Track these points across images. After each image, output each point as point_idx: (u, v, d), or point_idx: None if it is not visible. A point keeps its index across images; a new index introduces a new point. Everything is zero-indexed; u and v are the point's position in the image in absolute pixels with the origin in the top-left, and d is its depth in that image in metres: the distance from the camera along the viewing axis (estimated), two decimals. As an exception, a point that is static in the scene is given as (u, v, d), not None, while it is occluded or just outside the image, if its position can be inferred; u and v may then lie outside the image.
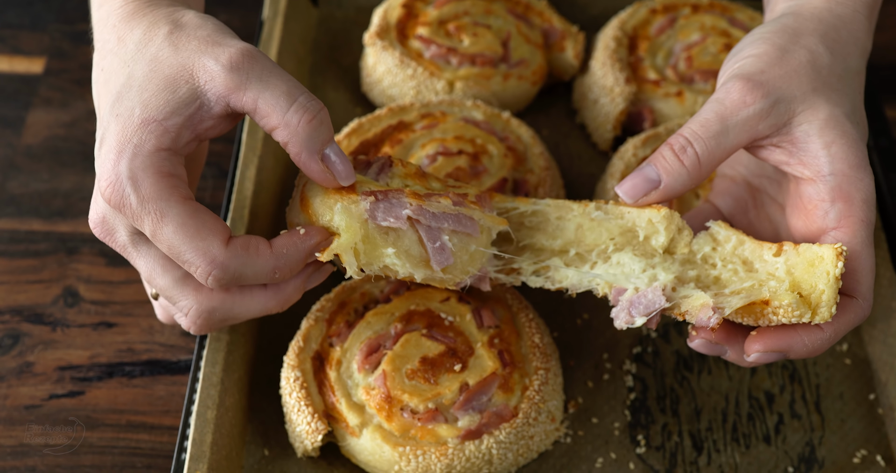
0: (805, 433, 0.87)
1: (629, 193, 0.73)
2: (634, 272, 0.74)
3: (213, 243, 0.64)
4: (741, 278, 0.72)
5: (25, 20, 1.14)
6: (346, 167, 0.69)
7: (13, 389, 0.86)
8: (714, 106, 0.71)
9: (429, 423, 0.78)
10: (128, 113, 0.66)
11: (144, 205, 0.64)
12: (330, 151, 0.68)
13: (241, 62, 0.66)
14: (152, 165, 0.64)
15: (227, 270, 0.65)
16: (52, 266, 0.94)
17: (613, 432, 0.86)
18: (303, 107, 0.66)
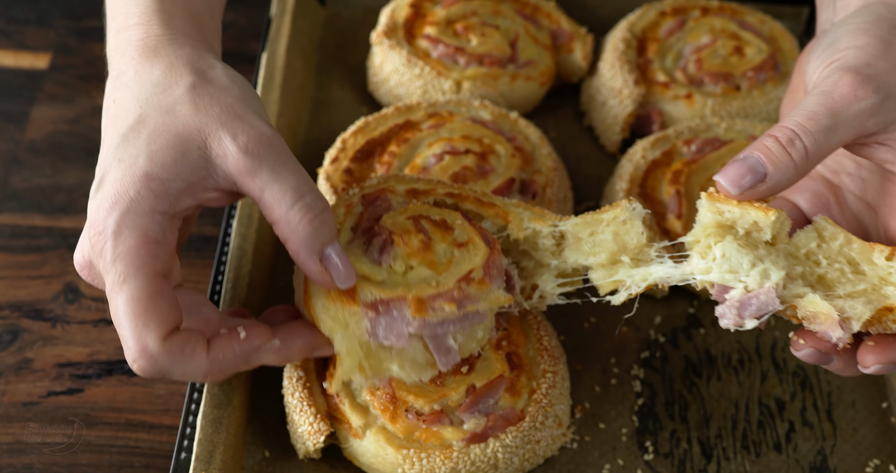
0: (817, 441, 0.86)
1: (735, 182, 0.66)
2: (743, 268, 0.67)
3: (151, 334, 0.61)
4: (850, 280, 0.68)
5: (31, 16, 1.13)
6: (345, 270, 0.67)
7: (11, 385, 0.85)
8: (822, 99, 0.67)
9: (434, 425, 0.76)
10: (131, 160, 0.63)
11: (115, 263, 0.61)
12: (331, 251, 0.66)
13: (257, 147, 0.64)
14: (141, 226, 0.62)
15: (155, 364, 0.62)
16: (53, 262, 0.93)
17: (621, 438, 0.85)
18: (307, 206, 0.65)
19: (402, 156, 0.92)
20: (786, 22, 1.14)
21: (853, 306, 0.66)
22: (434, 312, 0.68)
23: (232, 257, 0.86)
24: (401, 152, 0.92)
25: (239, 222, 0.88)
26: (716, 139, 0.97)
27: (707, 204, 0.68)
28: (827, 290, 0.68)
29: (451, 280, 0.70)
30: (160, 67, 0.67)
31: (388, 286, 0.70)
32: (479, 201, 0.79)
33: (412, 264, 0.71)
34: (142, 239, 0.61)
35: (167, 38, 0.70)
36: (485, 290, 0.71)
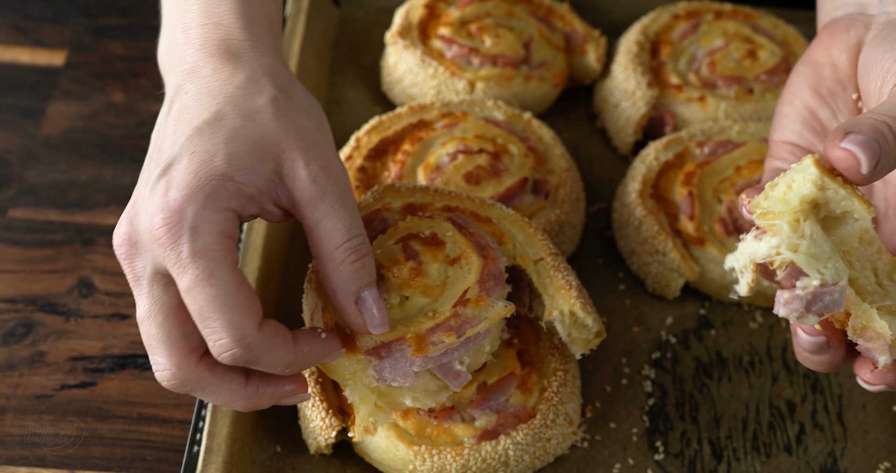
0: (827, 443, 0.86)
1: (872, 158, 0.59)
2: (824, 256, 0.59)
3: (248, 322, 0.61)
4: (877, 292, 0.63)
5: (48, 13, 1.14)
6: (380, 316, 0.67)
7: (25, 378, 0.86)
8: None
9: (445, 422, 0.76)
10: (207, 156, 0.62)
11: (196, 258, 0.60)
12: (367, 295, 0.66)
13: (325, 180, 0.65)
14: (218, 222, 0.61)
15: (251, 352, 0.61)
16: (67, 257, 0.94)
17: (631, 437, 0.85)
18: (353, 248, 0.65)
19: (415, 155, 0.92)
20: (798, 26, 1.14)
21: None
22: (434, 346, 0.68)
23: (241, 252, 0.86)
24: (414, 151, 0.92)
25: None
26: (728, 142, 0.97)
27: (814, 173, 0.59)
28: (859, 295, 0.63)
29: (447, 306, 0.70)
30: (243, 73, 0.67)
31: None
32: (476, 216, 0.78)
33: (406, 295, 0.71)
34: (219, 235, 0.61)
35: (249, 45, 0.69)
36: (483, 307, 0.70)
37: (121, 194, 0.99)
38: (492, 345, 0.73)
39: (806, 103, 0.74)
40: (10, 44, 1.11)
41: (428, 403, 0.72)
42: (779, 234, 0.58)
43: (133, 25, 1.14)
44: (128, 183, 1.00)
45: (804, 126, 0.75)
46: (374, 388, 0.69)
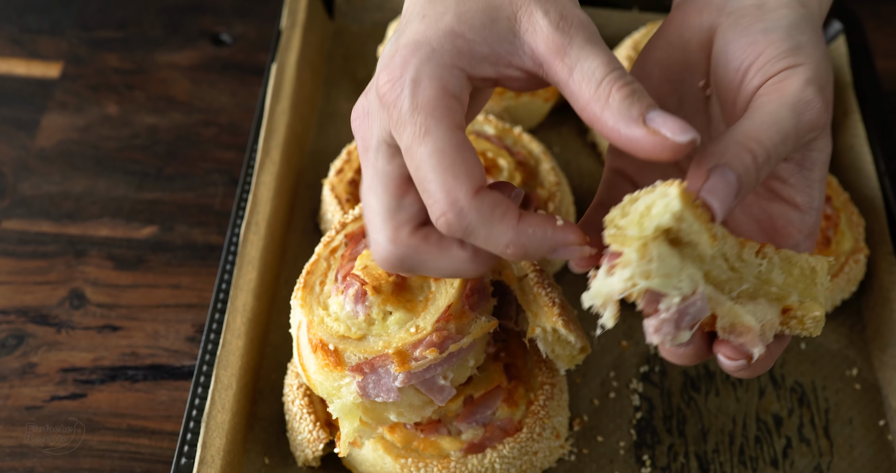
0: (813, 457, 0.86)
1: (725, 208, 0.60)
2: (675, 271, 0.58)
3: (461, 186, 0.57)
4: (733, 278, 0.62)
5: (44, 25, 1.15)
6: (680, 123, 0.57)
7: (15, 389, 0.86)
8: (794, 120, 0.62)
9: (432, 435, 0.77)
10: (437, 16, 0.60)
11: (414, 114, 0.57)
12: (654, 114, 0.57)
13: (568, 25, 0.59)
14: (441, 77, 0.58)
15: (463, 220, 0.57)
16: (59, 268, 0.94)
17: (619, 451, 0.85)
18: (617, 77, 0.58)
19: (406, 168, 0.93)
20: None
21: (763, 312, 0.62)
22: (417, 362, 0.68)
23: (237, 264, 0.87)
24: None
25: (246, 227, 0.89)
26: (717, 156, 0.98)
27: (676, 206, 0.57)
28: (716, 287, 0.62)
29: (430, 322, 0.70)
30: None
31: (369, 343, 0.70)
32: None
33: (390, 310, 0.71)
34: (441, 91, 0.58)
35: None
36: (466, 322, 0.70)
37: (114, 206, 1.00)
38: (476, 359, 0.73)
39: (656, 90, 0.71)
40: (5, 55, 1.12)
41: (413, 417, 0.72)
42: (629, 265, 0.57)
43: (128, 38, 1.15)
44: (121, 195, 1.00)
45: None
46: (358, 404, 0.69)
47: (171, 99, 1.09)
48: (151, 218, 0.99)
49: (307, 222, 0.98)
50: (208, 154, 1.04)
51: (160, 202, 1.00)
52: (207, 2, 1.19)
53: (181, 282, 0.94)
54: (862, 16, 1.21)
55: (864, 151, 1.03)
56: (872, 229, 0.98)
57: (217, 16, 1.17)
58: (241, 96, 1.10)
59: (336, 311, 0.72)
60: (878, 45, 1.22)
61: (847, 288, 0.94)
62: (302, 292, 0.74)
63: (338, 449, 0.72)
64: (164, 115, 1.08)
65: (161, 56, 1.13)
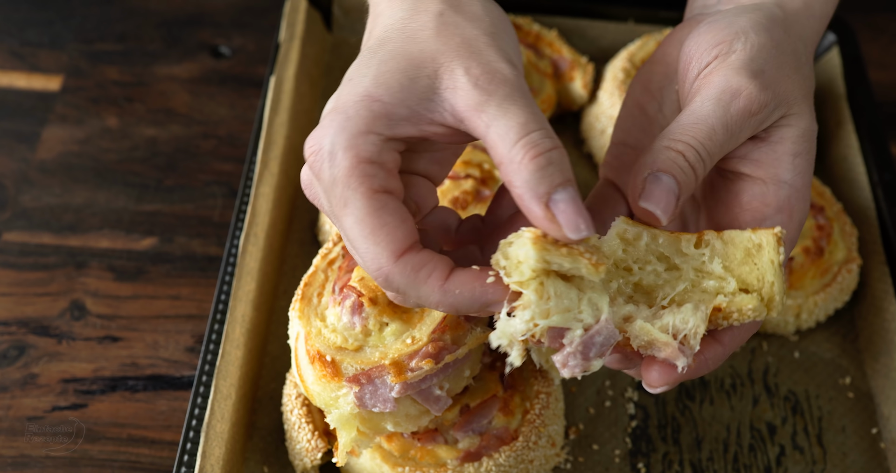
0: (806, 465, 0.87)
1: (668, 210, 0.62)
2: (574, 304, 0.59)
3: (383, 252, 0.59)
4: (668, 281, 0.63)
5: (45, 39, 1.16)
6: (576, 218, 0.57)
7: (17, 400, 0.87)
8: (720, 112, 0.63)
9: (429, 443, 0.78)
10: (358, 80, 0.61)
11: (334, 186, 0.59)
12: (560, 196, 0.58)
13: (488, 82, 0.59)
14: (355, 146, 0.59)
15: (391, 284, 0.60)
16: (60, 279, 0.95)
17: (614, 459, 0.86)
18: (531, 142, 0.58)
19: (403, 180, 0.94)
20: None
21: (684, 320, 0.61)
22: (413, 372, 0.69)
23: (236, 275, 0.88)
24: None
25: (245, 238, 0.90)
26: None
27: (532, 255, 0.57)
28: (647, 297, 0.62)
29: (425, 332, 0.70)
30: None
31: (366, 354, 0.71)
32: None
33: (386, 321, 0.72)
34: (356, 159, 0.59)
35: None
36: (461, 333, 0.71)
37: (113, 217, 1.01)
38: (472, 370, 0.74)
39: (637, 100, 0.73)
40: (6, 69, 1.13)
41: (409, 427, 0.73)
42: (528, 307, 0.58)
43: (128, 51, 1.16)
44: (121, 207, 1.02)
45: (633, 124, 0.73)
46: (355, 414, 0.70)
47: (171, 111, 1.10)
48: (151, 230, 1.00)
49: (305, 233, 0.99)
50: (207, 166, 1.06)
51: (160, 214, 1.01)
52: (206, 15, 1.20)
53: (181, 293, 0.95)
54: (856, 27, 1.23)
55: (857, 162, 1.04)
56: (865, 239, 0.99)
57: (216, 29, 1.19)
58: (239, 108, 1.11)
59: (333, 322, 0.73)
60: (872, 56, 1.23)
61: (840, 298, 0.95)
62: (300, 303, 0.75)
63: (336, 459, 0.73)
64: (164, 127, 1.09)
65: (160, 69, 1.14)
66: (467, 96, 0.59)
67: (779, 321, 0.94)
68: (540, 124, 0.59)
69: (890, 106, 1.18)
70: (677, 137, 0.63)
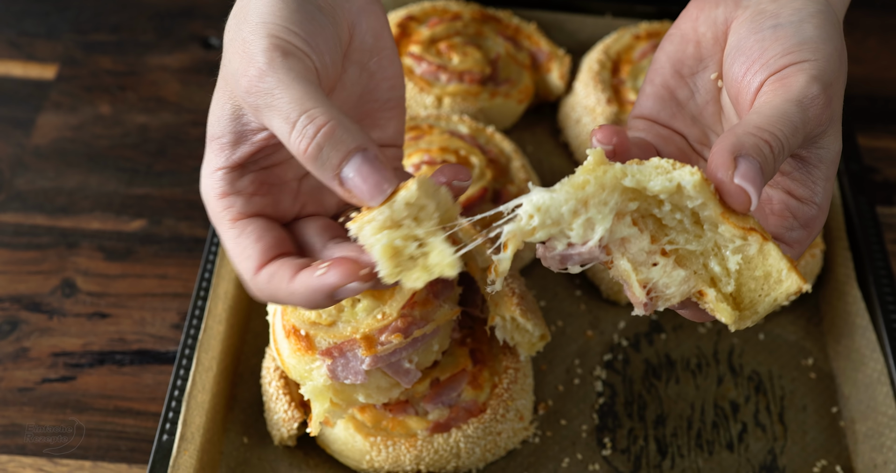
0: (767, 442, 0.90)
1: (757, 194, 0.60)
2: (564, 219, 0.60)
3: (246, 270, 0.66)
4: (686, 231, 0.62)
5: (41, 29, 1.20)
6: (368, 186, 0.60)
7: (8, 372, 0.91)
8: (801, 115, 0.63)
9: (400, 415, 0.81)
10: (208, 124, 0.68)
11: (211, 220, 0.68)
12: (347, 170, 0.60)
13: (252, 85, 0.61)
14: (209, 186, 0.67)
15: (260, 294, 0.66)
16: (52, 259, 0.99)
17: (581, 434, 0.89)
18: (300, 132, 0.60)
19: (382, 165, 0.97)
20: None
21: (667, 285, 0.62)
22: (383, 346, 0.73)
23: (219, 254, 0.91)
24: (382, 162, 0.97)
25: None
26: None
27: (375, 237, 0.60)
28: (656, 228, 0.62)
29: (395, 309, 0.74)
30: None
31: (338, 328, 0.75)
32: None
33: (358, 297, 0.75)
34: (215, 199, 0.67)
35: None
36: (430, 309, 0.75)
37: (105, 200, 1.04)
38: (441, 344, 0.78)
39: (666, 82, 0.74)
40: (4, 58, 1.17)
41: (380, 399, 0.77)
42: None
43: (122, 41, 1.20)
44: (112, 190, 1.05)
45: (662, 106, 0.74)
46: (328, 386, 0.74)
47: (162, 100, 1.14)
48: (140, 212, 1.04)
49: (289, 216, 1.02)
50: (196, 152, 1.09)
51: (149, 197, 1.05)
52: (198, 7, 1.24)
53: (168, 272, 0.99)
54: (829, 22, 1.26)
55: (824, 152, 1.07)
56: (830, 225, 1.02)
57: (207, 20, 1.22)
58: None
59: None
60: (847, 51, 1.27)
61: (804, 281, 0.98)
62: None
63: (310, 429, 0.76)
64: (155, 114, 1.13)
65: (152, 59, 1.18)
66: (248, 106, 0.63)
67: (744, 304, 0.97)
68: (304, 107, 0.60)
69: (862, 99, 1.21)
70: (763, 127, 0.62)
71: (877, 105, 1.21)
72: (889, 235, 1.07)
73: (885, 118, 1.19)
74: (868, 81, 1.24)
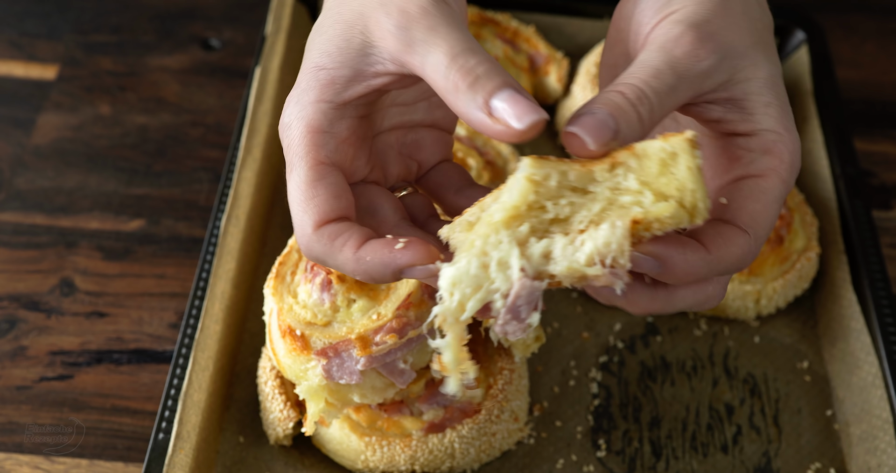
0: (762, 444, 0.90)
1: (598, 137, 0.59)
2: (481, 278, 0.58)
3: (308, 220, 0.62)
4: (584, 204, 0.60)
5: (42, 30, 1.21)
6: (518, 109, 0.58)
7: (6, 370, 0.91)
8: (664, 56, 0.63)
9: (395, 415, 0.82)
10: (308, 53, 0.65)
11: (288, 153, 0.65)
12: (498, 99, 0.59)
13: (408, 22, 0.61)
14: (305, 117, 0.63)
15: (310, 250, 0.63)
16: (51, 258, 0.99)
17: (576, 435, 0.90)
18: (461, 67, 0.59)
19: (380, 167, 0.98)
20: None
21: (606, 243, 0.58)
22: (377, 346, 0.73)
23: (216, 254, 0.92)
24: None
25: (227, 220, 0.94)
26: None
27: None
28: (564, 225, 0.60)
29: (390, 309, 0.74)
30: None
31: (333, 328, 0.75)
32: None
33: (353, 298, 0.76)
34: (306, 129, 0.63)
35: None
36: (425, 310, 0.75)
37: (104, 200, 1.05)
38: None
39: (604, 85, 0.74)
40: (5, 58, 1.18)
41: (375, 399, 0.77)
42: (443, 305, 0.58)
43: (122, 42, 1.20)
44: (111, 190, 1.06)
45: None
46: (323, 386, 0.74)
47: (161, 100, 1.15)
48: (139, 212, 1.04)
49: (287, 217, 1.03)
50: (195, 153, 1.10)
51: (148, 197, 1.06)
52: (198, 9, 1.25)
53: (165, 272, 0.99)
54: (829, 26, 1.27)
55: (821, 156, 1.07)
56: (825, 229, 1.03)
57: (207, 22, 1.23)
58: (227, 98, 1.15)
59: (304, 299, 0.77)
60: (843, 55, 1.27)
61: (799, 285, 0.99)
62: (274, 281, 0.79)
63: (305, 428, 0.77)
64: (154, 115, 1.13)
65: (153, 60, 1.19)
66: (396, 41, 0.62)
67: (739, 307, 0.97)
68: (464, 46, 0.60)
69: (860, 103, 1.22)
70: (620, 81, 0.62)
71: (874, 109, 1.21)
72: (885, 239, 1.07)
73: (883, 122, 1.20)
74: (866, 85, 1.24)
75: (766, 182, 0.65)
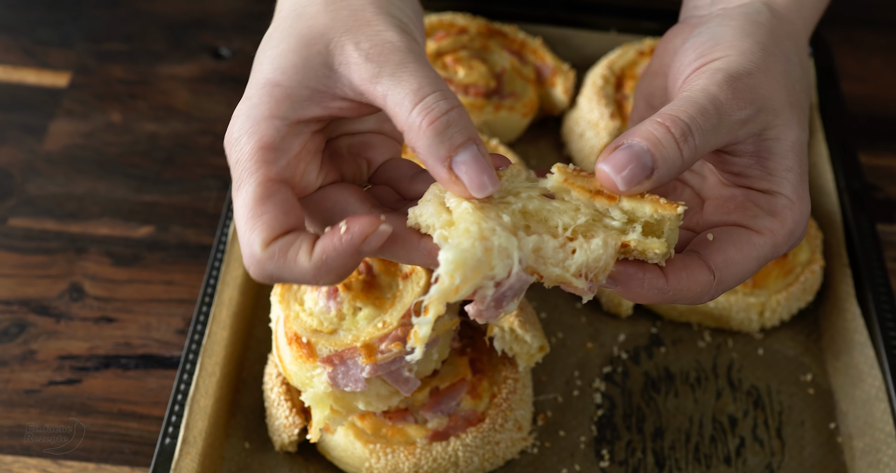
0: (765, 457, 0.91)
1: (629, 180, 0.59)
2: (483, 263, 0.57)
3: (256, 238, 0.59)
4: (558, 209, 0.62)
5: (55, 38, 1.22)
6: (479, 177, 0.58)
7: (15, 374, 0.92)
8: (709, 97, 0.62)
9: (399, 422, 0.82)
10: (259, 67, 0.63)
11: (234, 168, 0.61)
12: (462, 156, 0.58)
13: (378, 54, 0.60)
14: (257, 132, 0.61)
15: (262, 269, 0.60)
16: (60, 263, 1.00)
17: (579, 445, 0.90)
18: (427, 107, 0.58)
19: (387, 176, 0.99)
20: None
21: (597, 259, 0.59)
22: (383, 354, 0.74)
23: (224, 260, 0.93)
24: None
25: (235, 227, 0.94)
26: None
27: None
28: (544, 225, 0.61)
29: (395, 318, 0.75)
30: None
31: (339, 336, 0.76)
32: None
33: (359, 306, 0.77)
34: (256, 144, 0.60)
35: None
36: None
37: (113, 206, 1.06)
38: (440, 354, 0.79)
39: (641, 116, 0.74)
40: (18, 65, 1.19)
41: (380, 407, 0.78)
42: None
43: (133, 51, 1.22)
44: (121, 197, 1.07)
45: None
46: (329, 393, 0.75)
47: (172, 108, 1.16)
48: (149, 219, 1.05)
49: (294, 225, 1.04)
50: (204, 160, 1.11)
51: (157, 204, 1.07)
52: (209, 18, 1.26)
53: (174, 279, 1.00)
54: (834, 40, 1.27)
55: (825, 170, 1.08)
56: (830, 242, 1.03)
57: (217, 31, 1.24)
58: (236, 107, 1.16)
59: (310, 306, 0.78)
60: (849, 69, 1.28)
61: (803, 297, 0.99)
62: (280, 288, 0.80)
63: (310, 435, 0.77)
64: (164, 123, 1.15)
65: (163, 68, 1.20)
66: (360, 70, 0.60)
67: (743, 319, 0.98)
68: (434, 87, 0.59)
69: (865, 117, 1.22)
70: (664, 113, 0.62)
71: (880, 123, 1.22)
72: (889, 252, 1.08)
73: (888, 137, 1.20)
74: (871, 99, 1.25)
75: (758, 239, 0.65)
